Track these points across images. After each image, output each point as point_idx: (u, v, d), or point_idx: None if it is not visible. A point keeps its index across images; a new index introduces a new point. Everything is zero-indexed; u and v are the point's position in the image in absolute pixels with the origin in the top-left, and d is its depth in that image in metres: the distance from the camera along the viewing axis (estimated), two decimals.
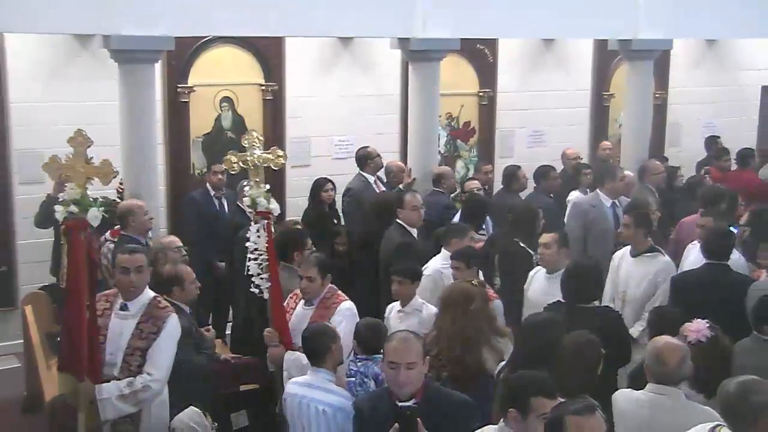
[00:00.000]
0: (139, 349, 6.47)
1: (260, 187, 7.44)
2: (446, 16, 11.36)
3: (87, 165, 6.56)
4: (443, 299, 6.92)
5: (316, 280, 7.30)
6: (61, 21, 9.33)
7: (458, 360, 6.45)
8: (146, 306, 6.61)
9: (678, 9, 13.11)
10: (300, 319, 7.31)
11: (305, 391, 6.29)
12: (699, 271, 8.21)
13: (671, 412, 5.31)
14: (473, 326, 6.58)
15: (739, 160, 13.32)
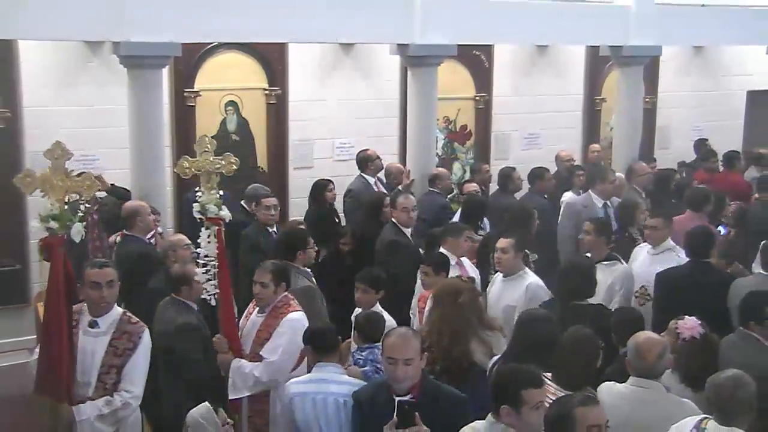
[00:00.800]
0: (115, 366, 6.15)
1: (211, 193, 7.03)
2: (444, 23, 11.39)
3: (66, 178, 6.05)
4: (434, 294, 6.93)
5: (269, 287, 7.04)
6: (72, 29, 9.40)
7: (446, 352, 6.42)
8: (117, 322, 6.26)
9: (667, 17, 13.20)
10: (251, 327, 7.16)
11: (317, 387, 6.15)
12: (682, 269, 8.26)
13: (651, 405, 5.34)
14: (461, 319, 6.55)
15: (725, 162, 13.34)
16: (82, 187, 6.14)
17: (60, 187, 5.99)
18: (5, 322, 10.61)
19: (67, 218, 5.98)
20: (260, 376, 6.88)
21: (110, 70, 10.50)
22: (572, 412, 4.39)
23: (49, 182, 5.98)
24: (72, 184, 6.06)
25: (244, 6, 10.20)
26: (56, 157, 6.05)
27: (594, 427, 4.36)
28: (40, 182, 5.99)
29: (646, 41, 13.01)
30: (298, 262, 8.11)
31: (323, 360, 6.27)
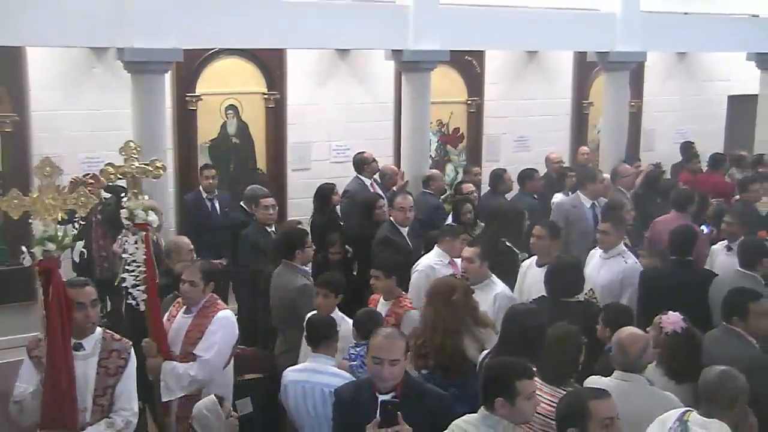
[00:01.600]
0: (110, 386, 5.71)
1: (138, 198, 6.46)
2: (436, 29, 11.42)
3: (59, 195, 5.43)
4: (428, 292, 6.91)
5: (198, 285, 6.79)
6: (78, 35, 9.43)
7: (440, 348, 6.42)
8: (101, 341, 5.76)
9: (651, 24, 13.26)
10: (179, 328, 6.86)
11: (308, 376, 6.28)
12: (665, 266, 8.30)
13: (635, 398, 5.33)
14: (455, 316, 6.54)
15: (711, 164, 13.36)
16: (77, 203, 5.54)
17: (53, 206, 5.38)
18: (13, 318, 10.56)
19: (64, 239, 5.42)
20: (196, 375, 6.63)
21: (114, 75, 10.49)
22: (586, 406, 4.41)
23: (40, 203, 5.35)
24: (68, 202, 5.48)
25: (244, 13, 10.23)
26: (46, 174, 5.45)
27: (607, 419, 4.38)
28: (30, 204, 5.35)
29: (631, 47, 13.06)
30: (297, 261, 8.09)
31: (317, 351, 6.38)
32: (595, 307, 7.28)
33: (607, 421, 4.38)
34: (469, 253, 7.69)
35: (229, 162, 11.85)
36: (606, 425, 4.37)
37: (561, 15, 12.88)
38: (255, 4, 10.44)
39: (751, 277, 7.48)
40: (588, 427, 4.37)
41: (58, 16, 9.05)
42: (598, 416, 4.37)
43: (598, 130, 14.66)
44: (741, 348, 6.18)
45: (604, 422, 4.37)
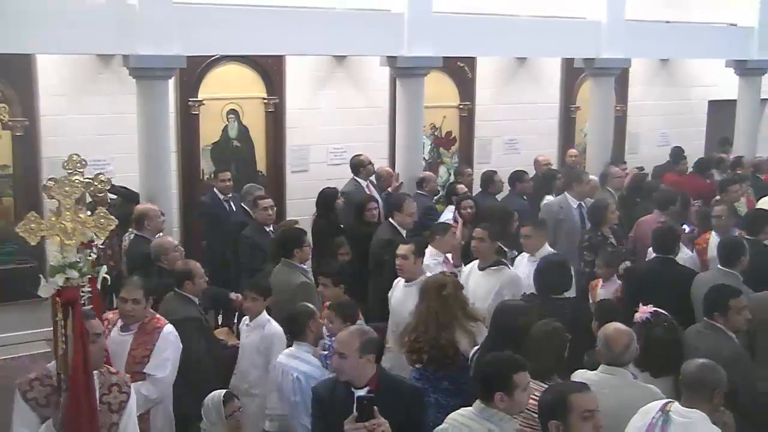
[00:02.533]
0: (114, 424, 5.25)
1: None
2: (430, 37, 11.42)
3: (79, 217, 4.81)
4: (421, 289, 6.91)
5: (141, 303, 6.53)
6: (86, 43, 9.44)
7: (433, 342, 6.43)
8: (99, 376, 5.24)
9: (635, 32, 13.30)
10: (118, 347, 6.45)
11: (288, 360, 6.45)
12: (649, 264, 8.36)
13: (619, 390, 5.34)
14: (446, 311, 6.57)
15: (696, 167, 13.40)
16: (96, 226, 4.89)
17: (74, 230, 4.79)
18: (23, 315, 10.55)
19: (88, 265, 4.81)
20: (149, 394, 6.35)
21: (120, 81, 10.49)
22: (567, 399, 4.42)
23: (60, 227, 4.77)
24: (88, 224, 4.85)
25: (244, 21, 10.26)
26: (64, 194, 4.78)
27: (587, 412, 4.38)
28: (48, 228, 4.75)
29: (616, 54, 13.09)
30: (296, 260, 8.13)
31: (299, 339, 6.55)
32: (584, 303, 7.31)
33: (587, 414, 4.38)
34: (404, 250, 7.61)
35: (230, 165, 11.83)
36: (585, 417, 4.37)
37: (549, 23, 12.90)
38: (255, 13, 10.47)
39: (732, 275, 7.49)
40: (569, 419, 4.37)
41: (67, 25, 9.06)
42: (579, 409, 4.38)
43: (585, 133, 14.67)
44: (721, 342, 6.19)
45: (583, 414, 4.37)
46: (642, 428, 4.90)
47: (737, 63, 14.82)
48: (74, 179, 5.11)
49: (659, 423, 4.85)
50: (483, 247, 7.92)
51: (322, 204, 10.61)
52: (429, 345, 6.47)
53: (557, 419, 4.41)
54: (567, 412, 4.38)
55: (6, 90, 10.38)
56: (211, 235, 10.73)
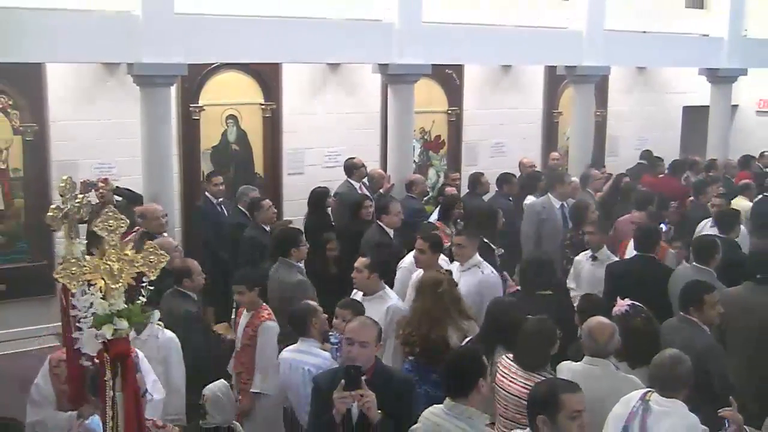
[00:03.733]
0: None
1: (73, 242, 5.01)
2: (419, 45, 11.44)
3: (125, 255, 4.12)
4: (416, 285, 6.93)
5: None
6: (92, 52, 9.47)
7: (425, 336, 6.43)
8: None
9: (614, 41, 13.39)
10: None
11: (295, 355, 6.44)
12: (630, 261, 8.39)
13: (602, 380, 5.37)
14: (439, 307, 6.57)
15: (671, 169, 13.45)
16: (147, 263, 4.23)
17: (121, 270, 4.09)
18: (34, 311, 10.61)
19: (137, 311, 4.14)
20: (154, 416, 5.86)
21: (125, 88, 10.48)
22: (558, 397, 4.38)
23: (105, 267, 4.06)
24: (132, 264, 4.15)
25: (242, 31, 10.27)
26: (109, 228, 4.11)
27: (575, 412, 4.36)
28: (91, 270, 4.05)
29: (596, 62, 13.15)
30: (293, 258, 8.12)
31: (304, 336, 6.52)
32: (565, 298, 7.33)
33: (575, 414, 4.35)
34: (360, 264, 7.27)
35: (229, 167, 11.83)
36: (573, 417, 4.35)
37: (533, 33, 12.94)
38: (252, 23, 10.47)
39: (706, 272, 7.53)
40: (556, 417, 4.34)
41: (75, 36, 9.07)
42: (568, 408, 4.35)
43: (567, 137, 14.71)
44: (696, 335, 6.22)
45: (572, 414, 4.34)
46: (623, 416, 4.93)
47: (709, 71, 14.94)
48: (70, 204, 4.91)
49: (639, 411, 4.89)
50: (427, 258, 7.61)
51: (314, 202, 10.64)
52: (421, 339, 6.47)
53: (546, 415, 4.38)
54: (557, 410, 4.35)
55: (17, 97, 10.39)
56: (208, 236, 10.72)
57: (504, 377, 5.63)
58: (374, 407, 4.69)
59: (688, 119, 16.92)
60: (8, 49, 8.69)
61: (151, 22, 9.37)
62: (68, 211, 4.89)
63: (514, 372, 5.57)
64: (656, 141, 15.68)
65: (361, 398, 4.69)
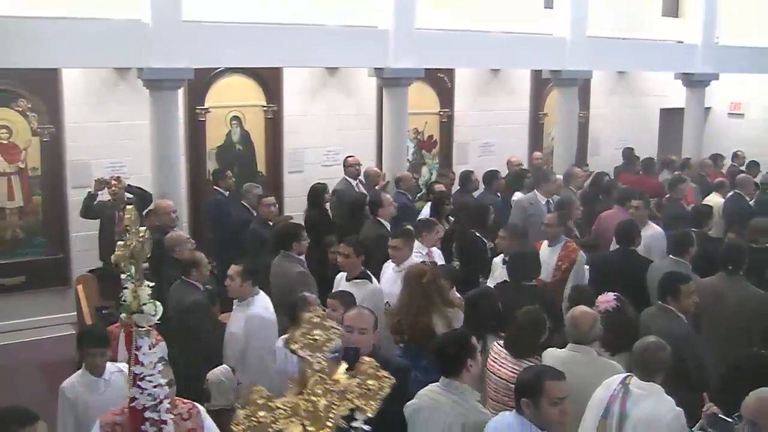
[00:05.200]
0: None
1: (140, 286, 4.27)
2: (413, 50, 11.44)
3: (338, 382, 3.23)
4: (404, 277, 6.92)
5: None
6: (105, 58, 9.47)
7: (412, 325, 6.43)
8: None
9: (596, 47, 13.39)
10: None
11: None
12: (612, 254, 8.45)
13: (584, 366, 5.39)
14: (425, 297, 6.57)
15: (643, 167, 13.49)
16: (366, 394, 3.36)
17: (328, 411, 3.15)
18: (51, 300, 10.69)
19: None
20: None
21: (135, 91, 10.48)
22: (542, 384, 4.42)
23: (306, 407, 3.10)
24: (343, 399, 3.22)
25: (246, 37, 10.27)
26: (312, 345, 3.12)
27: (557, 398, 4.39)
28: (285, 416, 3.04)
29: (579, 66, 13.17)
30: (294, 252, 8.06)
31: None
32: (549, 290, 7.36)
33: (557, 400, 4.39)
34: (232, 271, 6.99)
35: (233, 166, 11.84)
36: (555, 403, 4.38)
37: (520, 38, 12.95)
38: (255, 30, 10.47)
39: (682, 263, 7.57)
40: (539, 402, 4.39)
41: (88, 43, 9.08)
42: (551, 395, 4.38)
43: (552, 137, 14.72)
44: (672, 323, 6.24)
45: (554, 400, 4.38)
46: (605, 399, 4.95)
47: (684, 75, 14.97)
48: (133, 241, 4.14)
49: (620, 395, 4.91)
50: (350, 262, 7.41)
51: (312, 197, 10.63)
52: (409, 328, 6.47)
53: (529, 398, 4.43)
54: (540, 394, 4.39)
55: (35, 101, 10.43)
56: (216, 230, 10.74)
57: (494, 362, 5.65)
58: None
59: (664, 121, 16.95)
60: (26, 56, 8.71)
61: (159, 30, 9.38)
62: (134, 248, 4.22)
63: (504, 358, 5.60)
64: (635, 141, 15.69)
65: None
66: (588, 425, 5.00)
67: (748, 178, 12.11)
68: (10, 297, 10.47)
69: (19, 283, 10.55)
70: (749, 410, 4.30)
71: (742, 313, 7.04)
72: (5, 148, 10.36)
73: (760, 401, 4.31)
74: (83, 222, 10.35)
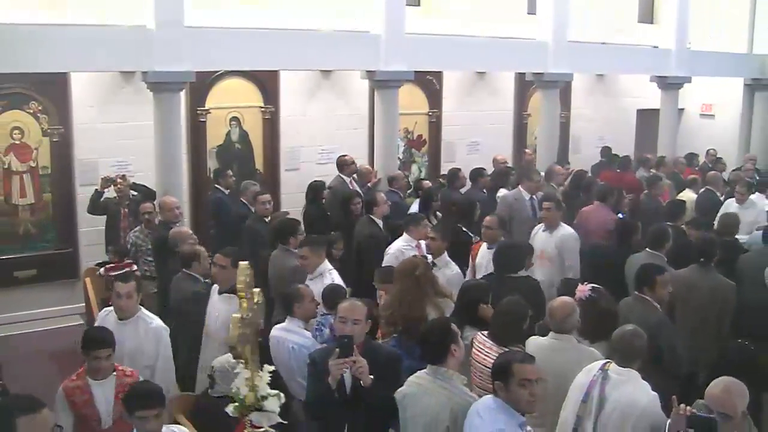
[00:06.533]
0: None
1: (258, 373, 4.19)
2: (403, 54, 11.44)
3: None
4: (397, 270, 6.94)
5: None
6: (111, 62, 9.44)
7: (405, 315, 6.42)
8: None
9: (577, 51, 13.44)
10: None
11: (282, 333, 6.43)
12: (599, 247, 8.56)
13: (565, 353, 5.44)
14: (418, 288, 6.58)
15: (620, 165, 13.54)
16: None
17: None
18: (60, 293, 10.69)
19: None
20: None
21: (139, 94, 10.44)
22: (511, 366, 4.45)
23: None
24: None
25: (244, 42, 10.27)
26: None
27: (525, 380, 4.41)
28: None
29: (561, 69, 13.20)
30: (291, 246, 8.06)
31: (291, 315, 6.50)
32: (533, 281, 7.38)
33: (524, 382, 4.41)
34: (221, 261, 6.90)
35: (232, 164, 11.84)
36: (523, 385, 4.41)
37: (505, 42, 12.97)
38: (254, 35, 10.45)
39: (658, 256, 7.62)
40: (509, 383, 4.42)
41: (95, 48, 9.07)
42: (519, 376, 4.41)
43: (535, 136, 14.76)
44: (649, 312, 6.28)
45: (521, 382, 4.40)
46: (585, 384, 4.99)
47: (659, 78, 15.04)
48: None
49: (599, 380, 4.94)
50: (226, 274, 6.81)
51: (311, 193, 10.64)
52: (402, 318, 6.46)
53: (501, 381, 4.47)
54: (509, 376, 4.43)
55: (46, 103, 10.43)
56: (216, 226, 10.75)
57: (479, 351, 5.66)
58: (366, 372, 4.77)
59: (641, 121, 17.01)
60: (37, 61, 8.70)
61: (162, 35, 9.36)
62: (251, 320, 3.87)
63: (488, 347, 5.60)
64: (613, 140, 15.74)
65: (354, 364, 4.74)
66: (569, 408, 5.04)
67: (718, 175, 12.23)
68: (23, 289, 10.48)
69: (31, 275, 10.56)
70: (717, 401, 4.32)
71: (713, 302, 7.12)
72: (18, 148, 10.36)
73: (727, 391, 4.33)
74: (90, 218, 10.35)
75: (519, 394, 4.41)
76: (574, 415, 4.98)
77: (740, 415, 4.33)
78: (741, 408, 4.32)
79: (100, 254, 10.16)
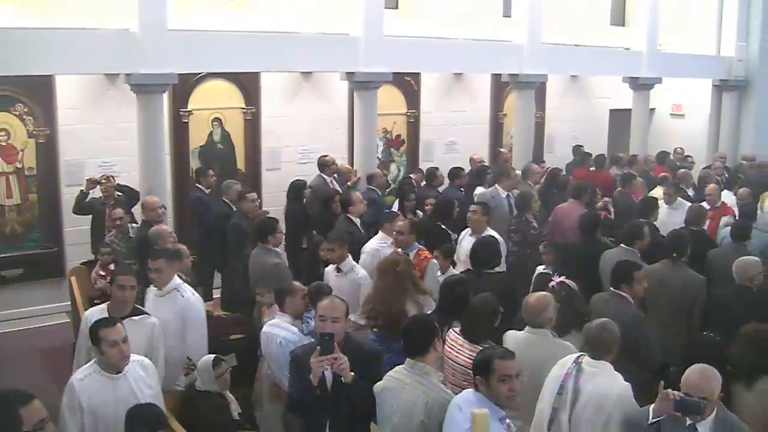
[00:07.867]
0: None
1: None
2: (381, 55, 11.46)
3: None
4: (377, 266, 6.95)
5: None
6: (95, 65, 9.41)
7: (386, 311, 6.46)
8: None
9: (551, 53, 13.51)
10: None
11: (271, 329, 6.41)
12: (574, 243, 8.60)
13: (540, 346, 5.46)
14: (398, 284, 6.60)
15: (595, 163, 13.60)
16: None
17: None
18: (46, 291, 10.63)
19: None
20: None
21: (123, 96, 10.42)
22: (492, 362, 4.47)
23: None
24: None
25: (226, 44, 10.25)
26: None
27: (505, 376, 4.43)
28: None
29: (536, 71, 13.26)
30: (270, 244, 8.02)
31: (282, 310, 6.51)
32: (512, 277, 7.40)
33: (504, 377, 4.42)
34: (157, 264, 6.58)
35: (215, 164, 11.78)
36: (503, 380, 4.42)
37: (481, 45, 13.01)
38: (235, 38, 10.43)
39: (632, 252, 7.67)
40: (489, 378, 4.44)
41: (80, 51, 9.05)
42: (499, 371, 4.42)
43: (511, 135, 14.78)
44: (624, 307, 6.30)
45: (501, 377, 4.42)
46: (560, 377, 5.02)
47: (631, 79, 15.17)
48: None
49: (573, 372, 4.98)
50: (162, 276, 6.55)
51: (293, 192, 10.61)
52: (383, 314, 6.50)
53: (481, 376, 4.49)
54: (490, 372, 4.44)
55: (31, 105, 10.36)
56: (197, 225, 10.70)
57: (452, 349, 5.66)
58: (347, 368, 4.77)
59: (614, 120, 17.09)
60: (23, 63, 8.65)
61: (146, 38, 9.34)
62: None
63: (461, 345, 5.61)
64: (587, 139, 15.79)
65: (335, 361, 4.74)
66: (545, 400, 5.07)
67: (687, 173, 12.33)
68: (10, 288, 10.43)
69: (17, 274, 10.50)
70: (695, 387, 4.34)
71: (684, 296, 7.18)
72: (3, 149, 10.29)
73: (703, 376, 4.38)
74: (76, 218, 10.31)
75: (500, 389, 4.43)
76: (550, 407, 5.01)
77: (716, 398, 4.38)
78: (717, 390, 4.37)
79: (85, 253, 10.12)
